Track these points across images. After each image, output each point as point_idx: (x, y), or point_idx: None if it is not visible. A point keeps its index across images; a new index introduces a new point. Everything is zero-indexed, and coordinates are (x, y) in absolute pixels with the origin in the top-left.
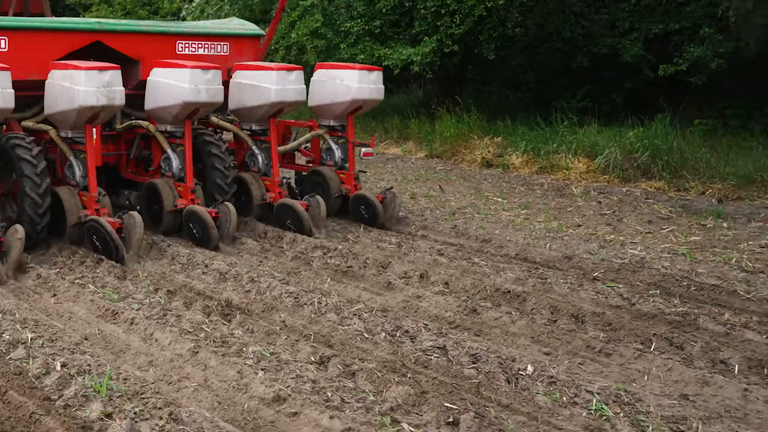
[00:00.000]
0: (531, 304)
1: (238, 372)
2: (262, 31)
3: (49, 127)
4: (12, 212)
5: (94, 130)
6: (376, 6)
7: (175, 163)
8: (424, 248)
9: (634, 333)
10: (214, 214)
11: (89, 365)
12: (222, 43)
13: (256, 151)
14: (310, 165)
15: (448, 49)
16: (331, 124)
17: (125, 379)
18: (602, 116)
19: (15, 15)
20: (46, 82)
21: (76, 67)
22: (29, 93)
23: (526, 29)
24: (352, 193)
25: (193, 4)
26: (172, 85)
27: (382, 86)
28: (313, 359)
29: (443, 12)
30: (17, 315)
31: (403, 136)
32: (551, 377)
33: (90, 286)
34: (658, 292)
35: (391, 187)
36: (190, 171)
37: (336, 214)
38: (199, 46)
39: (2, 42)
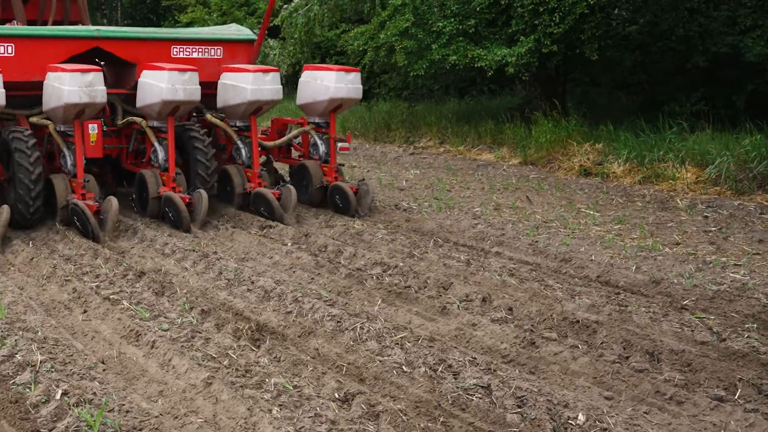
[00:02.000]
0: (601, 336)
1: (248, 409)
2: (254, 36)
3: (49, 122)
4: (11, 197)
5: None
6: (471, 4)
7: (161, 155)
8: (494, 267)
9: (717, 376)
10: (187, 201)
11: (94, 394)
12: (215, 48)
13: (240, 145)
14: (301, 159)
15: (547, 50)
16: (317, 121)
17: (127, 412)
18: (719, 121)
19: (54, 23)
20: (44, 82)
21: (63, 69)
22: (34, 93)
23: (639, 27)
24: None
25: (292, 5)
26: (154, 85)
27: (360, 86)
28: (336, 396)
29: (541, 10)
30: (39, 333)
31: (497, 141)
32: (605, 429)
33: (124, 302)
34: (755, 326)
35: (363, 179)
36: (172, 161)
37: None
38: (193, 50)
39: (9, 48)
